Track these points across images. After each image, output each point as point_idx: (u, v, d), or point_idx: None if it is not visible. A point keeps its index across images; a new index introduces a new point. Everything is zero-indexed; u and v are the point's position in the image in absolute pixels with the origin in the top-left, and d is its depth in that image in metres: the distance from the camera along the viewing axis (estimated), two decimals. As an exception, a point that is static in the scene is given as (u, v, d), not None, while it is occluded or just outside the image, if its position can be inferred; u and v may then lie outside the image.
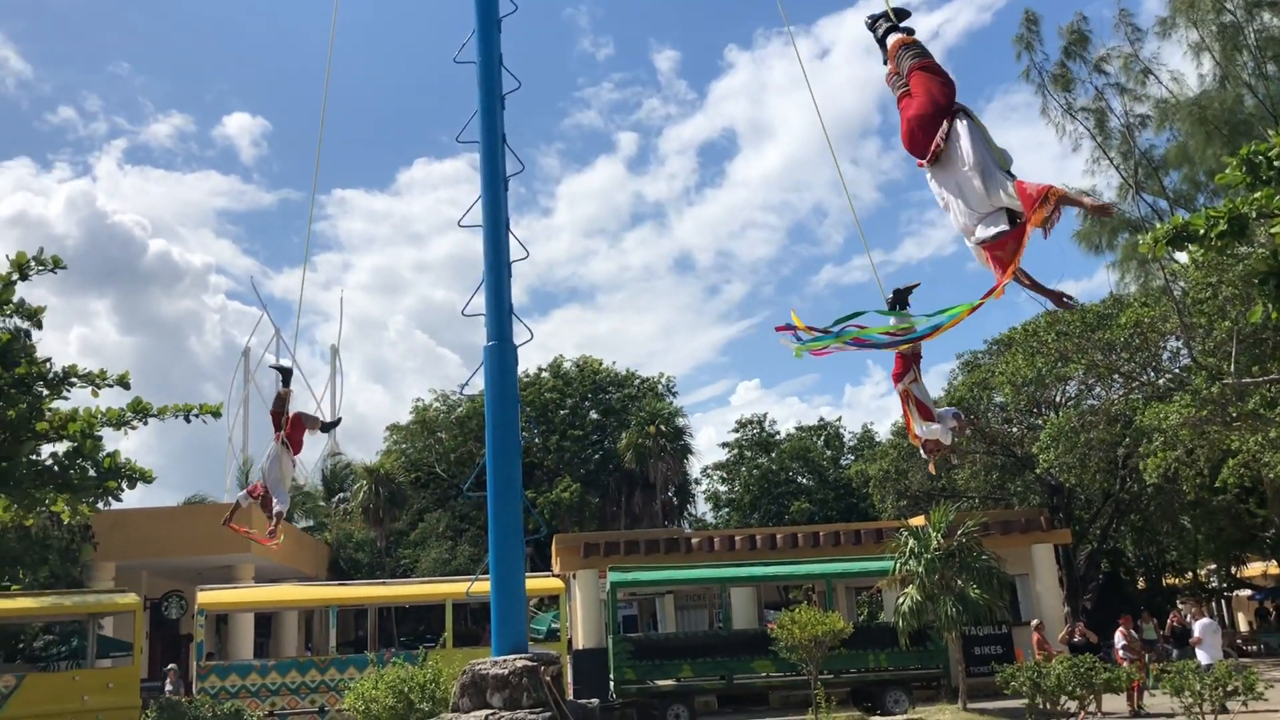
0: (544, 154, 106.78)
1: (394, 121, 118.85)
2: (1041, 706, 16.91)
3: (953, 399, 31.80)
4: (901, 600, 20.06)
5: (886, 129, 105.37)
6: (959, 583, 19.48)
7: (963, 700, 19.92)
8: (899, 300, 10.18)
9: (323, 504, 45.12)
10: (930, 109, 5.05)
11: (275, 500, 10.27)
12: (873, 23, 5.76)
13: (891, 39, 5.54)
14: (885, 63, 5.64)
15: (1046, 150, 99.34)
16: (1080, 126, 24.59)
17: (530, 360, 51.52)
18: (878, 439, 46.91)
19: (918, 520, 23.99)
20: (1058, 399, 30.55)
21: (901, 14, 5.72)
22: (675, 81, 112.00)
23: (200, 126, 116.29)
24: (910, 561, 20.08)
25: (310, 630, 30.65)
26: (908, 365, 9.85)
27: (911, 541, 20.40)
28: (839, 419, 54.74)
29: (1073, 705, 16.97)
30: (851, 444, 50.54)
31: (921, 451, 10.15)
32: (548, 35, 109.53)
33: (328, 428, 12.77)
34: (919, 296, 9.65)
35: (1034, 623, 22.86)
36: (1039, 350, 26.46)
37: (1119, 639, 20.24)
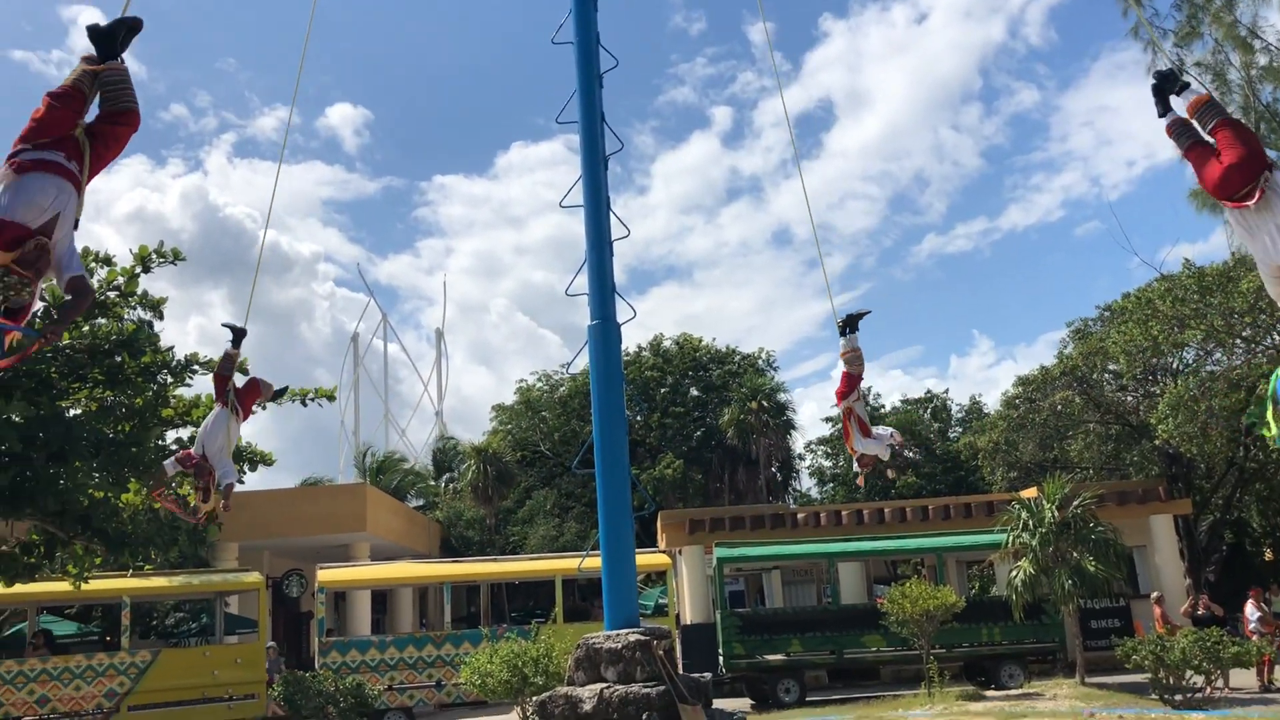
0: (639, 132, 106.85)
1: (490, 106, 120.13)
2: (1166, 681, 16.46)
3: (1065, 367, 30.97)
4: (1014, 574, 19.70)
5: (988, 93, 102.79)
6: (1074, 555, 19.05)
7: (1080, 674, 19.50)
8: (850, 325, 11.35)
9: (433, 483, 46.11)
10: (1250, 158, 5.51)
11: (219, 471, 8.66)
12: (1162, 80, 6.24)
13: (1188, 97, 6.03)
14: (1161, 115, 6.16)
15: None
16: (1195, 83, 23.58)
17: (630, 339, 51.77)
18: (986, 410, 46.00)
19: (1029, 492, 23.50)
20: (1175, 366, 29.53)
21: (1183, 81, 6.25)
22: (770, 53, 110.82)
23: (305, 118, 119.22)
24: (1023, 534, 19.71)
25: (424, 606, 31.43)
26: (853, 385, 10.99)
27: (1024, 514, 20.03)
28: (945, 391, 53.88)
29: (1199, 680, 16.47)
30: (959, 416, 49.69)
31: (856, 465, 11.12)
32: (640, 12, 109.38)
33: (277, 396, 11.87)
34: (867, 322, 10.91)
35: (1154, 595, 22.26)
36: (1153, 316, 25.59)
37: (1251, 611, 19.56)
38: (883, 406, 49.71)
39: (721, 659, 21.46)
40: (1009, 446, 32.49)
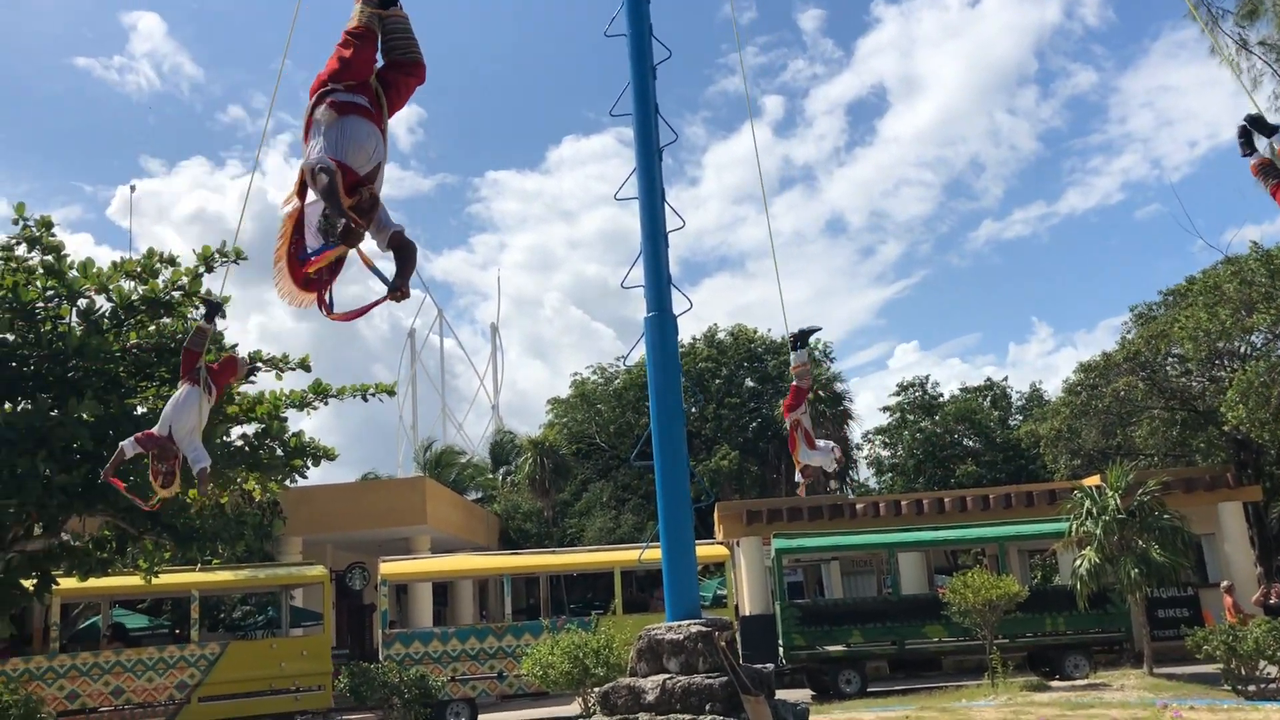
0: (689, 123, 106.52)
1: (542, 101, 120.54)
2: (1238, 672, 16.14)
3: (1128, 353, 30.41)
4: (1079, 562, 19.43)
5: (1044, 75, 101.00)
6: (1140, 543, 18.74)
7: (1148, 665, 19.18)
8: (800, 340, 11.72)
9: (490, 476, 46.45)
10: None
11: (190, 456, 7.73)
12: (1251, 123, 6.58)
13: (1278, 141, 6.49)
14: (1245, 155, 6.63)
15: (1222, 87, 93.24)
16: (1260, 62, 22.97)
17: (684, 330, 51.72)
18: (1047, 397, 45.33)
19: (1092, 480, 23.13)
20: (1243, 350, 28.86)
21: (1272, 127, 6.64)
22: (821, 41, 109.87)
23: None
24: (1087, 523, 19.42)
25: (483, 598, 31.69)
26: (801, 399, 11.36)
27: (1087, 502, 19.74)
28: (1005, 379, 53.15)
29: (1272, 670, 16.13)
30: (1019, 404, 48.99)
31: (799, 475, 11.49)
32: (690, 3, 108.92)
33: (250, 373, 11.62)
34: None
35: (1224, 584, 21.83)
36: (1220, 300, 25.04)
37: (1323, 600, 19.11)
38: (941, 395, 49.20)
39: (781, 650, 21.42)
40: (1071, 434, 31.99)
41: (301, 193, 5.16)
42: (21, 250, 12.36)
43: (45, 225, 12.35)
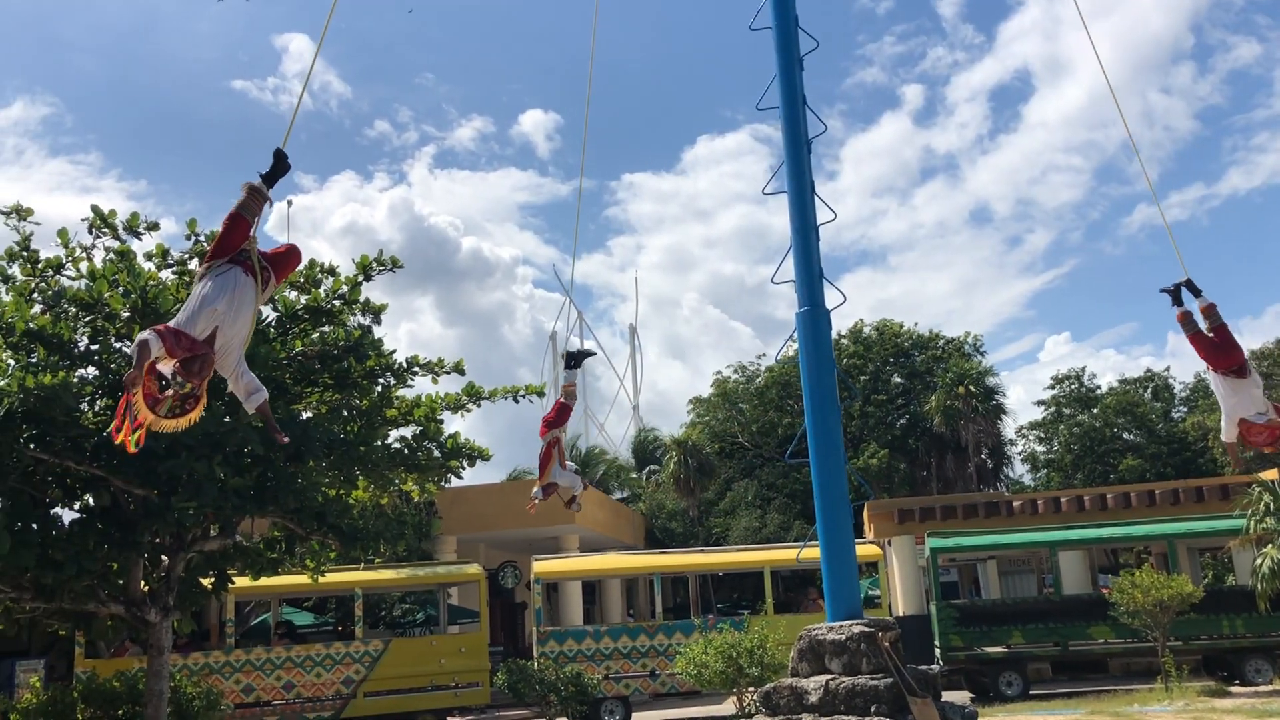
0: (827, 116, 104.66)
1: (675, 102, 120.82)
2: None
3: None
4: (1259, 561, 18.36)
5: (1201, 51, 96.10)
6: (1329, 541, 17.61)
7: (1339, 671, 18.01)
8: (575, 360, 12.23)
9: (634, 476, 46.74)
10: (1237, 349, 8.88)
11: (240, 380, 5.93)
12: (1184, 286, 9.24)
13: (1204, 301, 9.04)
14: (1174, 305, 9.27)
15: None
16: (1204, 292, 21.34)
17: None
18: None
19: (1270, 474, 21.86)
20: None
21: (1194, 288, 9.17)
22: (961, 27, 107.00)
23: (499, 127, 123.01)
24: (1267, 519, 18.34)
25: (631, 597, 31.90)
26: (564, 417, 11.28)
27: (1267, 497, 18.64)
28: (1166, 369, 50.70)
29: None
30: (1183, 395, 46.72)
31: (538, 490, 11.28)
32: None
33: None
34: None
35: None
36: None
37: None
38: (1098, 387, 47.32)
39: (938, 651, 20.89)
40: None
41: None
42: (194, 265, 12.96)
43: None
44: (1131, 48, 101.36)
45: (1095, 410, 45.51)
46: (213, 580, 13.86)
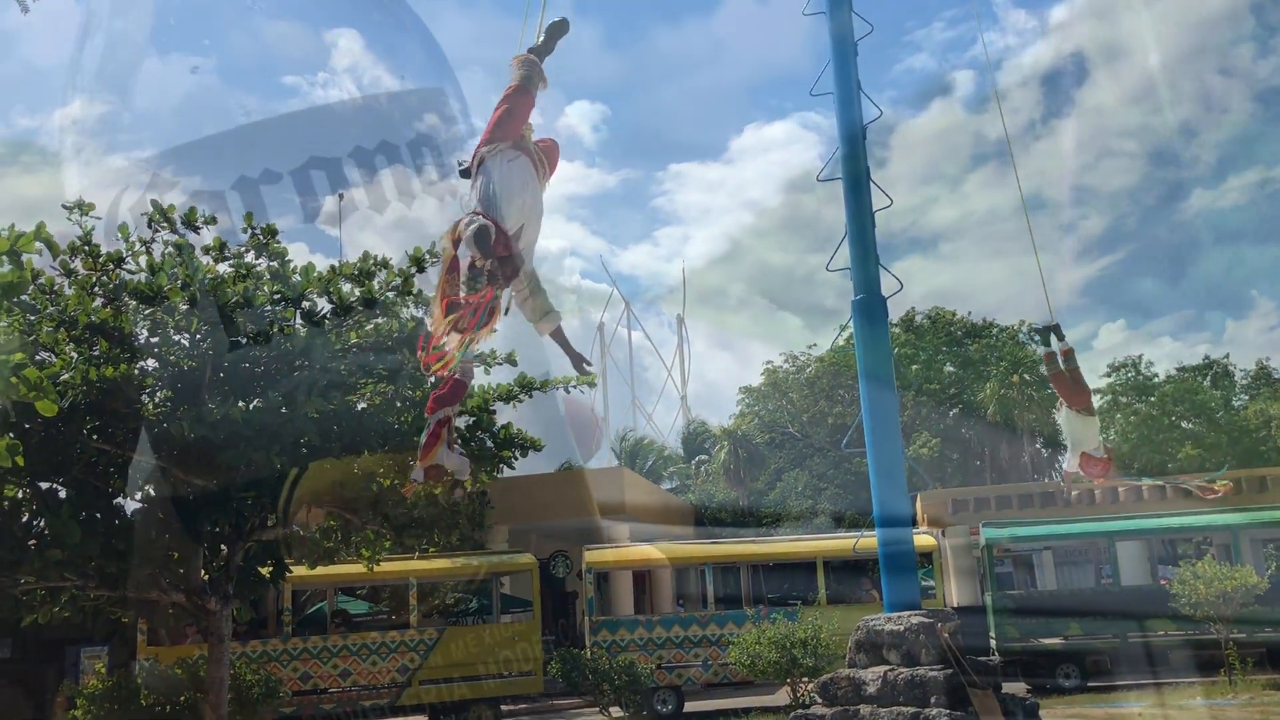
0: (878, 102, 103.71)
1: (721, 91, 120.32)
2: None
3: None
4: (1326, 552, 17.95)
5: (1263, 30, 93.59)
6: (1400, 532, 17.15)
7: None
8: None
9: (683, 465, 46.69)
10: (1088, 390, 11.15)
11: (529, 282, 6.10)
12: (1052, 330, 10.87)
13: (1066, 344, 10.81)
14: (1042, 346, 10.94)
15: None
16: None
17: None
18: (1277, 375, 42.18)
19: (1338, 463, 21.35)
20: None
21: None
22: (1012, 11, 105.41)
23: (547, 118, 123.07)
24: (1334, 509, 17.91)
25: (681, 587, 31.86)
26: (459, 395, 9.61)
27: (1335, 487, 18.21)
28: (1226, 356, 49.66)
29: None
30: (1244, 382, 45.75)
31: (418, 474, 10.10)
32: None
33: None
34: None
35: None
36: None
37: None
38: (1156, 375, 46.45)
39: (994, 642, 20.65)
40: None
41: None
42: (250, 257, 13.10)
43: (270, 233, 13.04)
44: (1189, 28, 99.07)
45: (1153, 398, 44.72)
46: (271, 569, 14.02)
